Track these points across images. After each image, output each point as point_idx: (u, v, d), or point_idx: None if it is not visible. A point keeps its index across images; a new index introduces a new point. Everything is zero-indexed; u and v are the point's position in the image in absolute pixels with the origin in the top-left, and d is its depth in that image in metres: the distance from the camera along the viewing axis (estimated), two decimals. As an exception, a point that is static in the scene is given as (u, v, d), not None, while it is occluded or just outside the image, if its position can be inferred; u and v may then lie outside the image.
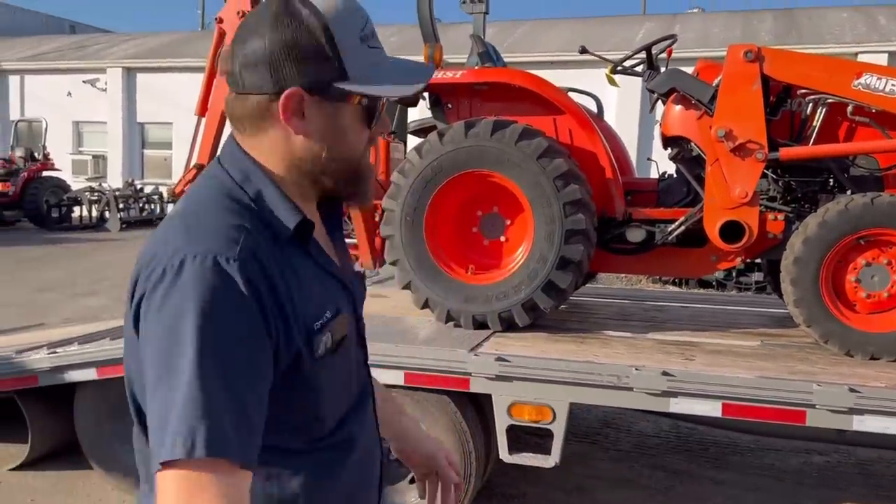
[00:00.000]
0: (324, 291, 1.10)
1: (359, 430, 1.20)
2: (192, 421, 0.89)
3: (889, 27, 17.56)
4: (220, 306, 0.94)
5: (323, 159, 1.09)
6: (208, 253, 0.96)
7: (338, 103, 1.07)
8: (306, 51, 1.04)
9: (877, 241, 3.44)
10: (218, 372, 0.92)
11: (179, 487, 0.90)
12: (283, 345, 1.00)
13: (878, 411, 2.91)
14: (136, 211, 18.63)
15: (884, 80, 3.51)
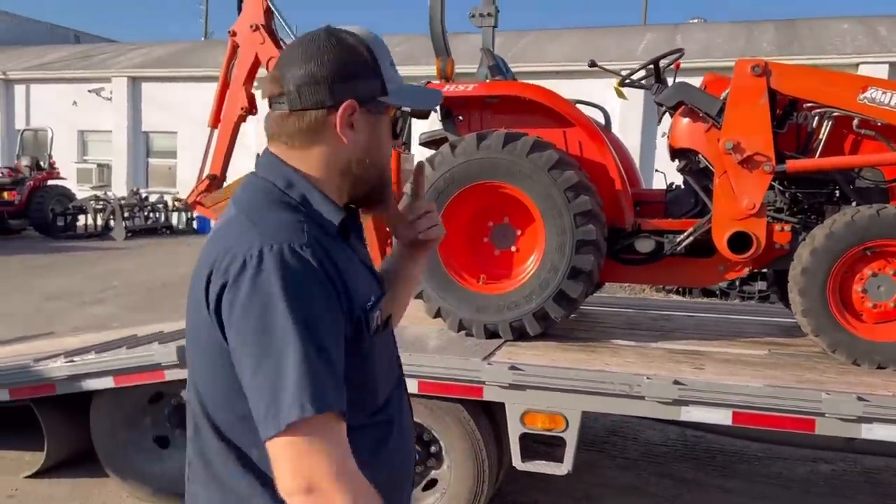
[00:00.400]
0: (368, 278, 1.27)
1: (398, 412, 1.34)
2: (303, 387, 1.04)
3: (890, 38, 17.66)
4: (303, 286, 1.09)
5: (367, 163, 1.25)
6: (283, 242, 1.11)
7: (378, 115, 1.26)
8: (357, 70, 1.22)
9: (883, 252, 3.49)
10: (316, 343, 1.07)
11: (296, 443, 1.04)
12: (347, 318, 1.16)
13: (887, 419, 2.96)
14: (141, 219, 18.73)
15: (889, 93, 3.58)
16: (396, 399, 1.34)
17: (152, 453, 4.20)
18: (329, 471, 1.05)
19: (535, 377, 3.28)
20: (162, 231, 19.08)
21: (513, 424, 3.36)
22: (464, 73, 4.42)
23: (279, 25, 5.59)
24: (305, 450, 1.05)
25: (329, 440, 1.06)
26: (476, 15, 5.00)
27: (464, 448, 3.52)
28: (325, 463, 1.05)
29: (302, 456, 1.05)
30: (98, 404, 4.15)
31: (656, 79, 4.21)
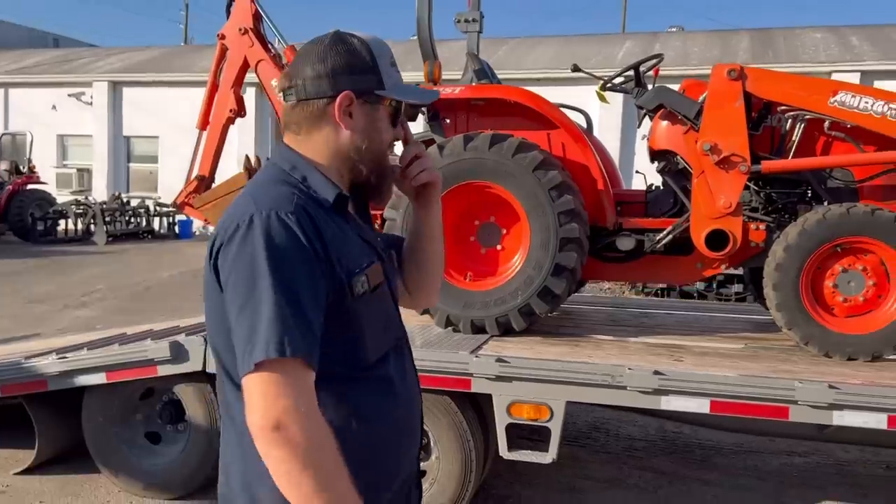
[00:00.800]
0: (360, 247, 1.40)
1: (398, 375, 1.46)
2: (273, 331, 1.19)
3: (861, 48, 18.08)
4: (283, 246, 1.24)
5: (363, 150, 1.40)
6: (271, 209, 1.27)
7: (375, 105, 1.41)
8: (357, 66, 1.39)
9: (853, 249, 3.65)
10: (289, 295, 1.22)
11: (266, 381, 1.19)
12: (328, 278, 1.29)
13: (856, 406, 3.10)
14: (123, 224, 18.61)
15: (858, 97, 3.75)
16: (395, 360, 1.46)
17: (144, 449, 4.25)
18: (293, 410, 1.18)
19: (521, 369, 3.40)
20: (143, 235, 18.98)
21: (499, 415, 3.47)
22: (446, 80, 4.53)
23: (267, 28, 5.68)
24: (273, 389, 1.18)
25: (295, 383, 1.19)
26: (461, 20, 5.13)
27: (452, 439, 3.63)
28: (290, 403, 1.18)
29: (269, 394, 1.18)
30: (90, 400, 4.20)
31: (637, 83, 4.35)
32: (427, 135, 4.46)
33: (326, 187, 1.37)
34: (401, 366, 1.49)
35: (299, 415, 1.18)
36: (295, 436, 1.17)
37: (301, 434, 1.17)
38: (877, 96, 3.73)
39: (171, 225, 19.79)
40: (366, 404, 1.38)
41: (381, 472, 1.41)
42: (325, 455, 1.20)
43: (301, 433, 1.17)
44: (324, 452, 1.20)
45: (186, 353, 3.85)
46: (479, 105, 4.22)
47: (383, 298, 1.43)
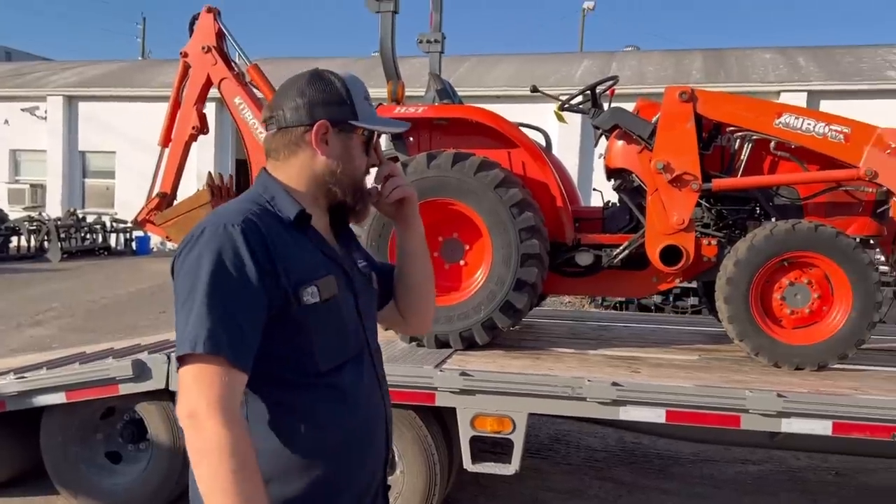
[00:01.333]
0: (316, 261, 1.48)
1: (354, 386, 1.51)
2: (199, 329, 1.29)
3: (808, 68, 18.74)
4: (225, 255, 1.34)
5: (338, 173, 1.52)
6: (220, 222, 1.38)
7: (349, 134, 1.53)
8: (332, 99, 1.52)
9: (799, 263, 3.82)
10: (220, 298, 1.31)
11: (187, 375, 1.29)
12: (271, 288, 1.37)
13: (803, 414, 3.24)
14: (78, 241, 18.24)
15: (801, 119, 3.94)
16: (353, 371, 1.51)
17: (104, 469, 4.21)
18: (208, 403, 1.26)
19: (484, 382, 3.47)
20: (100, 252, 18.62)
21: (463, 428, 3.53)
22: (408, 96, 4.63)
23: (230, 47, 5.72)
24: (193, 382, 1.29)
25: (215, 379, 1.28)
26: (423, 41, 5.24)
27: (416, 453, 3.68)
28: (206, 396, 1.27)
29: (190, 386, 1.28)
30: (48, 420, 4.15)
31: (593, 104, 4.50)
32: (391, 153, 4.53)
33: (290, 206, 1.47)
34: (360, 377, 1.53)
35: (213, 410, 1.26)
36: (207, 429, 1.25)
37: (213, 429, 1.25)
38: (818, 118, 3.93)
39: (129, 241, 19.47)
40: (315, 411, 1.44)
41: (329, 480, 1.45)
42: (235, 456, 1.25)
43: (213, 428, 1.25)
44: (234, 454, 1.25)
45: (149, 371, 3.84)
46: (442, 124, 4.32)
47: (338, 310, 1.49)
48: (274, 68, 8.13)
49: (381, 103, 4.39)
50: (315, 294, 1.42)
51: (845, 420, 3.20)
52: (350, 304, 1.54)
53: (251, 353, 1.34)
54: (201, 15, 5.57)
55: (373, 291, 1.69)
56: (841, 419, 3.20)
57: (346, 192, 1.53)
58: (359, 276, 1.61)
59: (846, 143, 3.86)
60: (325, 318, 1.45)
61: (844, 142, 3.86)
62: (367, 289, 1.65)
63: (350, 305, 1.54)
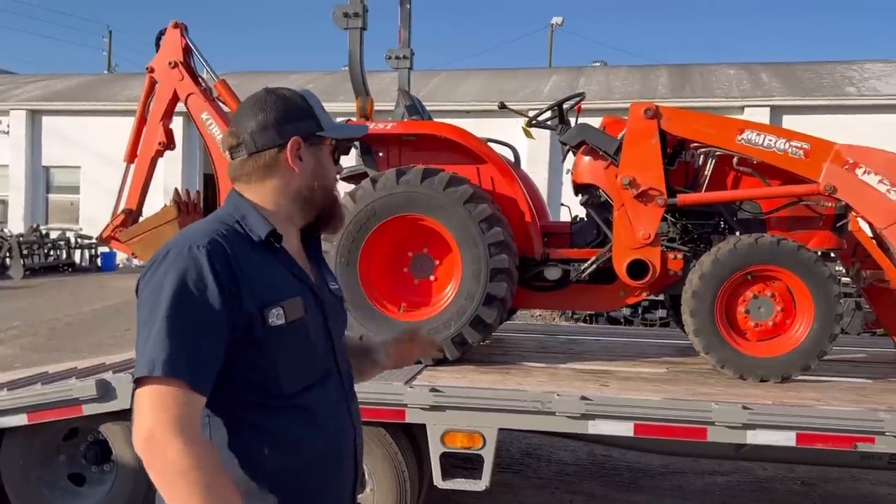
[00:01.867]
0: (283, 282, 1.47)
1: (323, 408, 1.50)
2: (158, 351, 1.28)
3: (770, 84, 19.17)
4: (187, 277, 1.33)
5: (315, 188, 1.52)
6: (185, 243, 1.38)
7: (319, 146, 1.53)
8: (297, 114, 1.52)
9: (762, 277, 3.89)
10: (180, 320, 1.31)
11: (146, 397, 1.28)
12: (235, 310, 1.36)
13: (768, 425, 3.29)
14: (41, 257, 17.90)
15: (763, 135, 4.03)
16: (321, 392, 1.50)
17: (67, 491, 4.10)
18: (165, 425, 1.25)
19: (454, 398, 3.46)
20: (64, 269, 18.29)
21: (433, 444, 3.52)
22: (377, 111, 4.64)
23: (198, 62, 5.68)
24: (150, 404, 1.27)
25: (172, 402, 1.27)
26: (392, 57, 5.27)
27: (386, 470, 3.65)
28: (164, 418, 1.25)
29: (146, 409, 1.27)
30: (9, 443, 4.04)
31: (560, 120, 4.55)
32: (360, 168, 4.54)
33: (262, 225, 1.46)
34: (327, 399, 1.52)
35: (171, 432, 1.25)
36: (168, 452, 1.24)
37: (174, 450, 1.24)
38: (779, 134, 4.02)
39: (94, 257, 19.15)
40: (280, 433, 1.43)
41: (295, 503, 1.44)
42: (204, 471, 1.25)
43: (174, 449, 1.24)
44: (203, 469, 1.25)
45: (114, 390, 3.76)
46: (411, 140, 4.33)
47: (305, 332, 1.47)
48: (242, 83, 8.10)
49: (349, 119, 4.40)
50: (281, 315, 1.41)
51: (809, 431, 3.24)
52: (319, 326, 1.52)
53: (210, 376, 1.33)
54: (168, 30, 5.53)
55: (344, 314, 1.68)
56: (804, 430, 3.24)
57: (323, 204, 1.54)
58: (329, 298, 1.60)
59: (806, 158, 3.94)
60: (291, 339, 1.44)
61: (804, 157, 3.94)
62: (338, 310, 1.64)
63: (319, 327, 1.52)
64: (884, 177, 3.83)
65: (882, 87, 18.29)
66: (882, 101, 17.54)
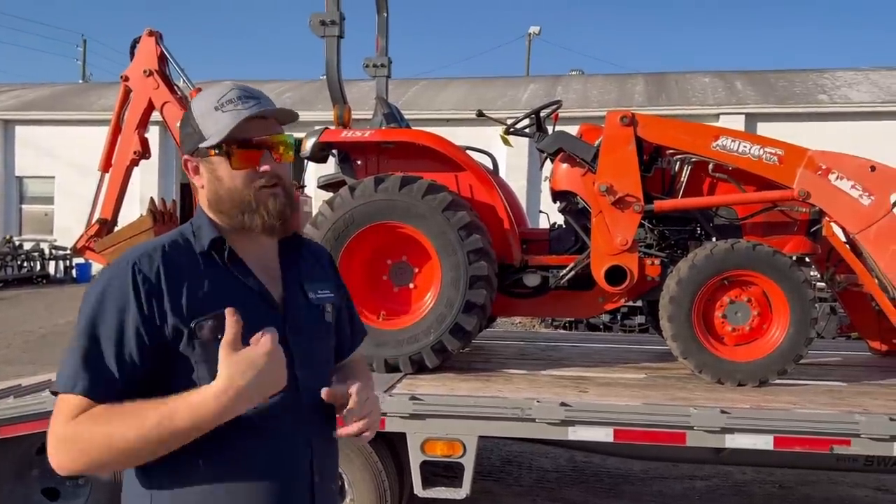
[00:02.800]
0: (224, 294, 1.40)
1: (267, 423, 1.39)
2: (69, 370, 1.31)
3: (745, 92, 19.43)
4: (107, 293, 1.35)
5: (220, 197, 1.45)
6: (123, 258, 1.39)
7: (207, 158, 1.45)
8: (185, 128, 1.48)
9: (738, 282, 3.93)
10: (92, 337, 1.32)
11: (56, 408, 1.32)
12: (157, 324, 1.34)
13: (746, 429, 3.31)
14: (15, 269, 17.62)
15: (737, 142, 4.07)
16: (261, 408, 1.37)
17: (41, 507, 4.03)
18: (55, 432, 1.30)
19: (434, 406, 3.45)
20: (38, 280, 18.01)
21: (413, 453, 3.50)
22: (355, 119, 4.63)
23: (173, 70, 5.64)
24: (56, 413, 1.32)
25: (66, 412, 1.30)
26: (370, 65, 5.27)
27: (366, 480, 3.63)
28: (57, 426, 1.30)
29: (54, 416, 1.32)
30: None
31: (538, 128, 4.58)
32: (338, 176, 4.52)
33: (206, 233, 1.44)
34: (276, 415, 1.40)
35: (59, 435, 1.29)
36: (53, 451, 1.30)
37: (54, 450, 1.30)
38: (753, 141, 4.07)
39: (68, 269, 18.89)
40: (215, 448, 1.35)
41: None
42: (108, 418, 1.28)
43: (55, 448, 1.30)
44: (105, 420, 1.28)
45: (89, 403, 3.70)
46: (389, 148, 4.33)
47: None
48: (219, 92, 8.03)
49: (327, 127, 4.39)
50: (213, 329, 1.35)
51: (786, 434, 3.27)
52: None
53: (114, 390, 1.31)
54: (143, 38, 5.49)
55: (322, 326, 1.55)
56: (782, 433, 3.27)
57: (237, 213, 1.43)
58: (301, 309, 1.50)
59: (780, 164, 4.00)
60: None
61: (778, 164, 4.00)
62: (312, 322, 1.52)
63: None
64: (856, 182, 3.89)
65: (853, 95, 18.61)
66: (853, 109, 17.85)
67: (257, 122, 1.42)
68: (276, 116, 1.48)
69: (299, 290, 1.52)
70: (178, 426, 1.27)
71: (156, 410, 1.27)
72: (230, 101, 1.42)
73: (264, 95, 1.48)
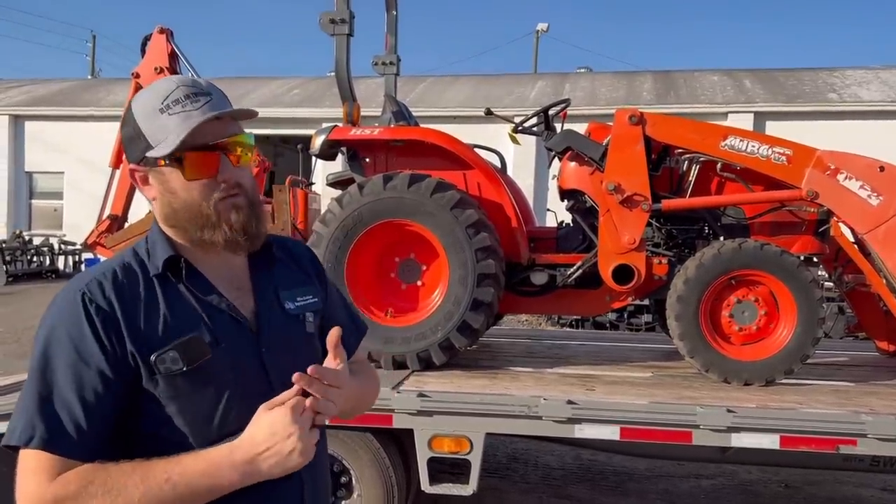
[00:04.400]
0: (183, 318, 1.25)
1: None
2: (20, 420, 1.17)
3: (753, 90, 19.35)
4: (58, 327, 1.21)
5: (175, 209, 1.28)
6: (70, 287, 1.25)
7: (156, 168, 1.27)
8: (129, 134, 1.29)
9: (746, 281, 3.94)
10: (46, 381, 1.18)
11: (19, 464, 1.18)
12: (118, 358, 1.20)
13: (752, 428, 3.32)
14: (24, 263, 17.73)
15: (746, 141, 4.07)
16: None
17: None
18: (20, 495, 1.17)
19: (441, 403, 3.47)
20: (47, 275, 18.12)
21: (421, 449, 3.52)
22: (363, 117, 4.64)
23: (183, 68, 5.67)
24: (20, 473, 1.19)
25: (28, 470, 1.17)
26: (379, 63, 5.29)
27: (373, 475, 3.65)
28: (22, 487, 1.17)
29: (18, 476, 1.18)
30: None
31: (546, 126, 4.59)
32: (347, 174, 4.54)
33: (162, 254, 1.28)
34: None
35: (25, 497, 1.17)
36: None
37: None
38: (762, 141, 4.07)
39: (77, 264, 18.98)
40: None
41: None
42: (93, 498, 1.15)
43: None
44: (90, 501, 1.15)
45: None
46: (398, 145, 4.35)
47: (212, 373, 1.26)
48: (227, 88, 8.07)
49: (336, 125, 4.41)
50: (176, 360, 1.22)
51: (792, 434, 3.28)
52: (247, 361, 1.29)
53: (83, 439, 1.17)
54: (153, 35, 5.53)
55: (303, 338, 1.40)
56: (788, 433, 3.28)
57: (199, 226, 1.27)
58: (278, 323, 1.35)
59: (788, 164, 3.99)
60: (193, 386, 1.24)
61: (787, 163, 4.00)
62: (290, 337, 1.37)
63: (246, 362, 1.29)
64: (864, 182, 3.89)
65: (863, 94, 18.52)
66: (863, 108, 17.76)
67: (212, 123, 1.25)
68: (231, 115, 1.29)
69: (274, 300, 1.37)
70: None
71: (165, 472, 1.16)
72: (177, 102, 1.24)
73: (215, 89, 1.30)
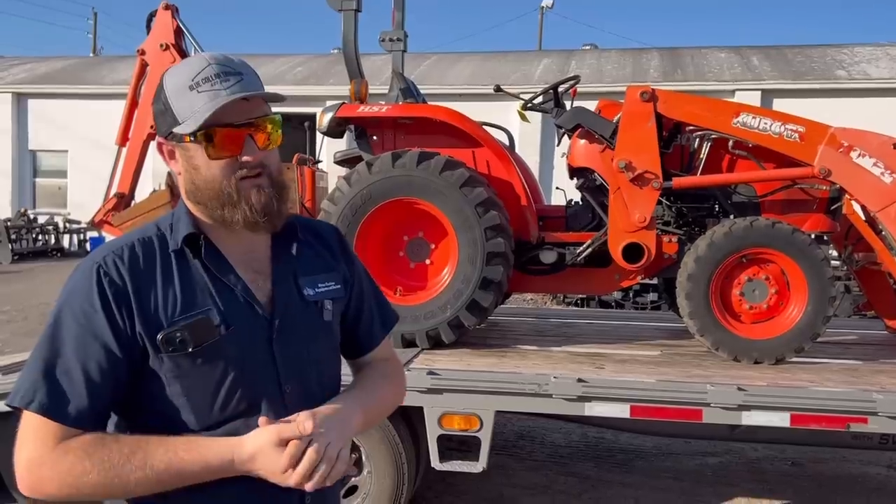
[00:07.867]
0: (198, 299, 1.26)
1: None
2: (26, 383, 1.20)
3: (761, 67, 19.17)
4: (72, 300, 1.23)
5: (196, 186, 1.30)
6: (91, 258, 1.27)
7: (182, 143, 1.28)
8: (159, 107, 1.31)
9: (757, 259, 3.92)
10: (56, 348, 1.21)
11: (20, 424, 1.21)
12: (127, 333, 1.23)
13: (762, 406, 3.32)
14: (30, 242, 17.76)
15: (758, 118, 4.03)
16: (243, 427, 1.26)
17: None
18: (19, 456, 1.20)
19: (451, 381, 3.48)
20: (52, 254, 18.16)
21: (431, 427, 3.53)
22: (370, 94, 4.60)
23: (189, 45, 5.62)
24: (21, 432, 1.21)
25: (34, 437, 1.19)
26: (386, 39, 5.23)
27: (384, 453, 3.67)
28: (21, 448, 1.20)
29: (19, 436, 1.21)
30: (2, 427, 4.03)
31: (556, 103, 4.54)
32: (355, 152, 4.51)
33: (183, 229, 1.29)
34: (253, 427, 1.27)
35: (22, 459, 1.19)
36: (19, 477, 1.18)
37: (19, 477, 1.19)
38: (774, 117, 4.02)
39: (82, 242, 19.01)
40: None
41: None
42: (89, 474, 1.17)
43: (44, 481, 1.18)
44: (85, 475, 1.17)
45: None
46: (406, 123, 4.31)
47: (219, 356, 1.26)
48: (233, 66, 7.99)
49: (344, 102, 4.37)
50: (183, 340, 1.23)
51: (803, 412, 3.28)
52: (255, 345, 1.29)
53: (81, 409, 1.19)
54: (158, 12, 5.47)
55: (319, 326, 1.39)
56: (798, 411, 3.28)
57: (216, 204, 1.28)
58: (294, 309, 1.35)
59: (801, 142, 3.96)
60: (197, 367, 1.25)
61: (799, 141, 3.96)
62: (305, 325, 1.36)
63: (255, 346, 1.29)
64: (878, 160, 3.85)
65: (872, 71, 18.33)
66: (872, 85, 17.59)
67: (239, 102, 1.25)
68: (259, 97, 1.29)
69: (293, 285, 1.36)
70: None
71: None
72: (207, 80, 1.24)
73: (247, 68, 1.30)
